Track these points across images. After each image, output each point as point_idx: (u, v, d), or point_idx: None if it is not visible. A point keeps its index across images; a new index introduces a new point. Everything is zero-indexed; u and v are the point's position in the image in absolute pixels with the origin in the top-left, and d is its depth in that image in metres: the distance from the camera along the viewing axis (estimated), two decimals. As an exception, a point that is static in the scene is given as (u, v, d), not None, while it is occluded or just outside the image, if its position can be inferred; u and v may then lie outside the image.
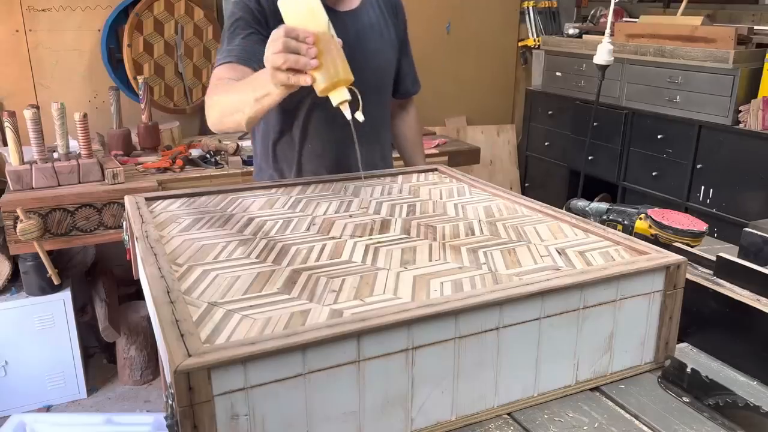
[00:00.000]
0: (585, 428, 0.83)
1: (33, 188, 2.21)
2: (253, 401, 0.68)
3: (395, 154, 1.76)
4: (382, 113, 1.64)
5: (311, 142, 1.53)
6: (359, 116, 1.09)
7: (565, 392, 0.90)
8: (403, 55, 1.67)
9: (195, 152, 2.63)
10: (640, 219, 1.37)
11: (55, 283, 2.33)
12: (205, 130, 3.20)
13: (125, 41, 2.79)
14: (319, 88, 1.04)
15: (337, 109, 1.09)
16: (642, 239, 1.07)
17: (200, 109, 3.14)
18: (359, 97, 1.08)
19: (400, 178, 1.45)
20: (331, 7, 1.41)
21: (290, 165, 1.56)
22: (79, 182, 2.27)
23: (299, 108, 1.50)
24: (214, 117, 1.30)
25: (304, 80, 1.03)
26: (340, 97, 1.07)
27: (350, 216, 1.17)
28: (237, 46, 1.35)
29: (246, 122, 1.21)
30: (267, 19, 1.39)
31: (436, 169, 1.52)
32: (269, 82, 1.07)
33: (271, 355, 0.68)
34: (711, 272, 1.12)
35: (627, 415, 0.86)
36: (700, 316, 1.04)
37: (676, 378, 0.92)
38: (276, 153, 1.57)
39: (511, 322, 0.82)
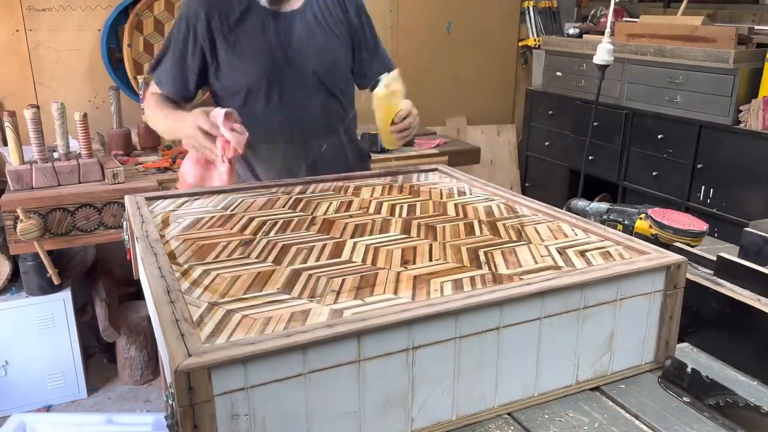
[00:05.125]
0: (585, 428, 0.83)
1: (33, 188, 2.20)
2: (253, 401, 0.68)
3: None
4: (339, 108, 1.60)
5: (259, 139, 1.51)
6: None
7: (566, 392, 0.90)
8: (363, 43, 1.62)
9: (195, 152, 2.62)
10: (641, 219, 1.37)
11: (55, 283, 2.33)
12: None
13: (125, 41, 2.78)
14: None
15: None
16: (642, 239, 1.07)
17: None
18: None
19: (400, 178, 1.45)
20: (274, 9, 1.49)
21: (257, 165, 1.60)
22: (79, 182, 2.27)
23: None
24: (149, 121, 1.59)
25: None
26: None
27: (350, 216, 1.17)
28: (170, 66, 1.53)
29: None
30: (207, 31, 1.48)
31: (436, 169, 1.52)
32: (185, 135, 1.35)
33: (271, 354, 0.68)
34: (711, 272, 1.12)
35: (627, 415, 0.86)
36: (700, 316, 1.04)
37: (677, 378, 0.92)
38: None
39: (511, 322, 0.82)
